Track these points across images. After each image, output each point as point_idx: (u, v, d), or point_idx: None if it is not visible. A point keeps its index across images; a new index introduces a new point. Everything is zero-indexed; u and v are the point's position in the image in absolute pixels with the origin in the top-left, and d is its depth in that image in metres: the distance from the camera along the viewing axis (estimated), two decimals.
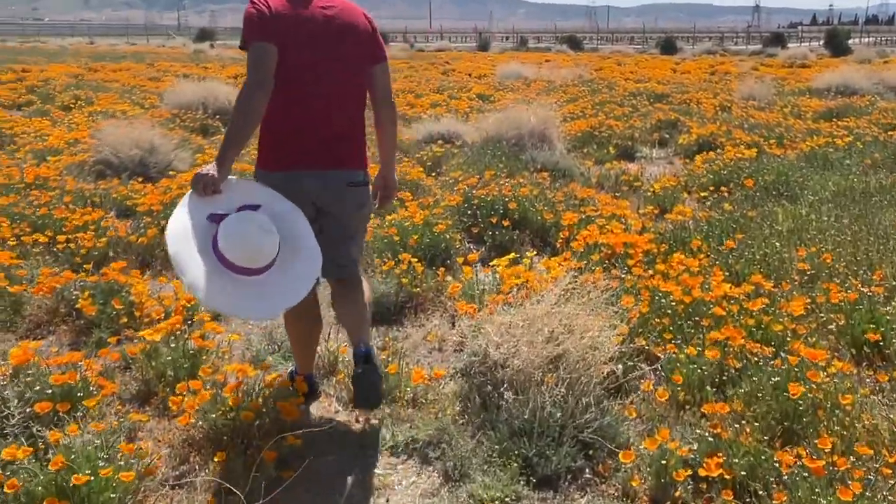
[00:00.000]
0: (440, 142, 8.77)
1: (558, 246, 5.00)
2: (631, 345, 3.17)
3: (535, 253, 4.79)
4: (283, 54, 2.58)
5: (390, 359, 3.35)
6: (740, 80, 19.16)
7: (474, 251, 5.09)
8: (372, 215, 3.37)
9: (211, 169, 2.51)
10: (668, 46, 42.88)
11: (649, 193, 6.39)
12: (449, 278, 4.50)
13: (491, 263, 4.43)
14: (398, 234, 4.72)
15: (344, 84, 2.74)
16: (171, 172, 7.05)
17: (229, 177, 2.59)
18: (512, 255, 4.55)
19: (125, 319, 3.76)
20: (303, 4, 2.67)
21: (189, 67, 22.94)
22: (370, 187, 2.90)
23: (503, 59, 27.94)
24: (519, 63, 22.36)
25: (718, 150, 8.16)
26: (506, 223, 5.08)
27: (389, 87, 2.87)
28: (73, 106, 12.89)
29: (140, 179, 6.82)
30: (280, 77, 2.58)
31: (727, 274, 4.13)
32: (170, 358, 3.10)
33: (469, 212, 5.35)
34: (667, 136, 9.68)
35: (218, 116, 10.91)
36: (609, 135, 9.23)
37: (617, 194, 6.78)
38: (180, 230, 2.45)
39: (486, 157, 7.80)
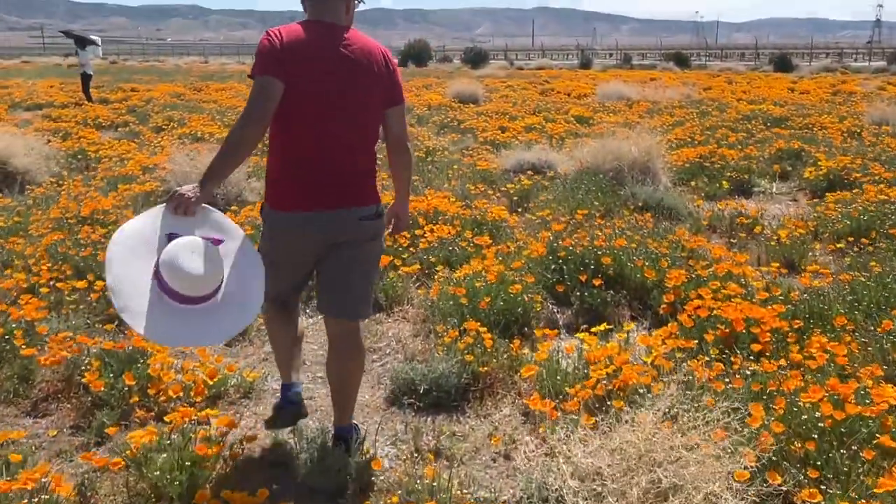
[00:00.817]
0: (530, 172, 8.01)
1: (661, 312, 4.15)
2: (763, 485, 2.31)
3: (632, 324, 3.96)
4: (292, 89, 2.48)
5: (437, 465, 2.63)
6: (867, 101, 17.51)
7: (558, 314, 4.30)
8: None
9: (191, 190, 2.40)
10: (782, 63, 40.54)
11: (773, 242, 5.40)
12: (525, 351, 3.74)
13: (578, 335, 3.65)
14: (467, 294, 3.99)
15: (356, 123, 2.62)
16: (233, 207, 6.58)
17: (208, 206, 2.48)
18: (603, 326, 3.75)
19: (136, 398, 3.19)
20: (319, 39, 2.57)
21: None
22: (383, 218, 2.81)
23: (605, 78, 26.88)
24: (621, 82, 21.31)
25: (854, 189, 7.03)
26: (597, 282, 4.27)
27: (404, 131, 2.76)
28: (165, 127, 12.88)
29: None
30: (289, 113, 2.50)
31: (886, 368, 3.18)
32: (158, 473, 2.46)
33: (554, 266, 4.56)
34: (789, 167, 8.55)
35: None
36: (722, 166, 8.20)
37: (733, 241, 5.83)
38: (131, 235, 2.37)
39: (580, 191, 6.98)
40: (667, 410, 2.35)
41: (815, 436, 2.56)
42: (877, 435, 2.50)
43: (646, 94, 18.60)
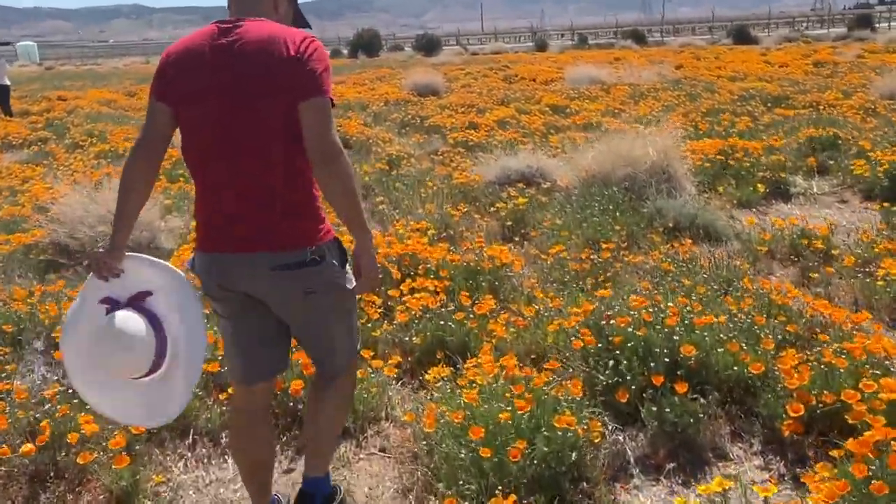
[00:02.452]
0: (520, 184, 6.50)
1: (785, 435, 2.68)
2: None
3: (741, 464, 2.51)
4: (177, 113, 2.07)
5: None
6: (856, 71, 16.38)
7: (624, 438, 2.81)
8: None
9: (103, 249, 2.15)
10: (740, 35, 39.52)
11: (880, 282, 3.97)
12: None
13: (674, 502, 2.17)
14: (486, 437, 2.46)
15: (256, 141, 2.00)
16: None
17: (130, 254, 2.18)
18: (717, 483, 2.27)
19: None
20: (202, 45, 2.06)
21: None
22: (333, 264, 2.12)
23: (567, 60, 25.47)
24: (588, 64, 19.88)
25: None
26: (681, 388, 2.76)
27: (326, 134, 1.96)
28: (82, 144, 11.08)
29: None
30: (182, 140, 2.11)
31: None
32: None
33: (603, 359, 3.04)
34: (828, 160, 7.17)
35: None
36: (751, 164, 6.78)
37: (809, 276, 4.40)
38: (71, 318, 2.24)
39: (591, 210, 5.50)
40: None
41: None
42: None
43: (620, 76, 17.20)
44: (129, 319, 2.08)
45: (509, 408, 2.54)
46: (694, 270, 4.22)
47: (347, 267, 2.18)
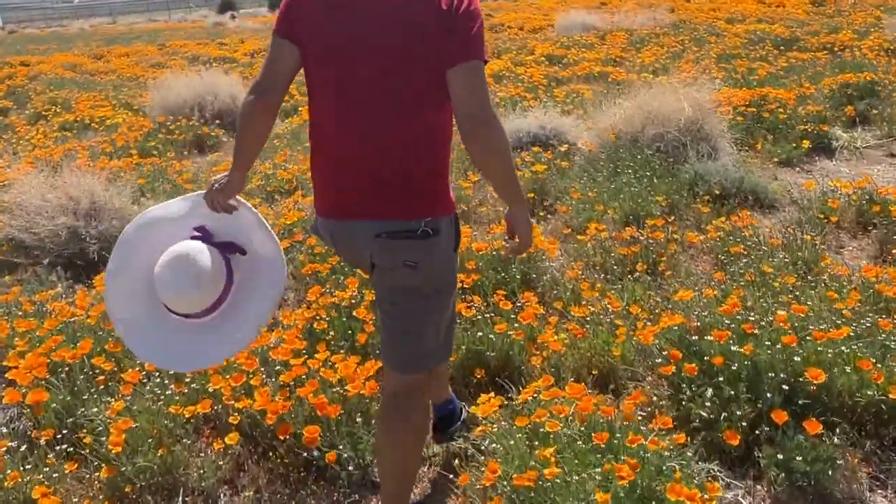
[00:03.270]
0: (535, 148, 5.81)
1: None
2: None
3: None
4: (305, 55, 1.88)
5: None
6: (860, 10, 15.65)
7: (741, 494, 2.20)
8: None
9: (220, 181, 2.06)
10: None
11: None
12: None
13: None
14: None
15: (392, 97, 1.81)
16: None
17: (249, 207, 2.15)
18: None
19: None
20: None
21: (203, 46, 20.18)
22: (439, 238, 1.88)
23: (552, 6, 24.46)
24: (578, 10, 18.96)
25: None
26: (813, 427, 2.14)
27: (478, 100, 1.77)
28: (45, 114, 10.20)
29: (67, 276, 4.11)
30: (309, 86, 1.93)
31: None
32: None
33: (699, 385, 2.40)
34: (868, 109, 6.51)
35: (218, 122, 8.10)
36: (788, 115, 6.11)
37: (887, 250, 3.80)
38: (157, 217, 2.19)
39: (626, 175, 4.84)
40: None
41: None
42: None
43: (614, 21, 16.35)
44: (214, 257, 2.05)
45: (600, 475, 1.91)
46: (764, 250, 3.60)
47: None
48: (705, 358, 2.39)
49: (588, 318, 3.02)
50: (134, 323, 2.16)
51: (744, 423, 2.23)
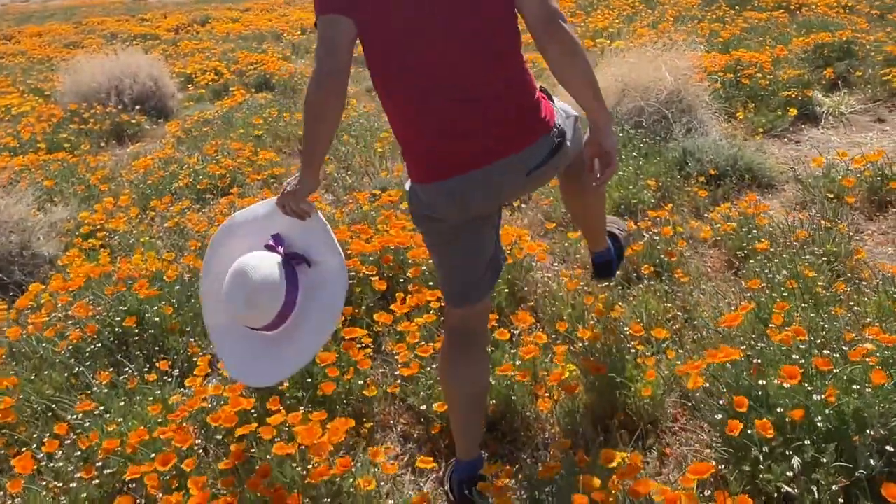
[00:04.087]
0: None
1: None
2: None
3: None
4: (365, 26, 1.80)
5: None
6: None
7: None
8: None
9: (290, 185, 1.99)
10: None
11: None
12: None
13: None
14: None
15: (466, 36, 1.77)
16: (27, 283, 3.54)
17: (318, 212, 2.04)
18: None
19: None
20: None
21: (123, 22, 18.84)
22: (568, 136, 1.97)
23: None
24: None
25: None
26: None
27: (547, 6, 1.77)
28: None
29: None
30: (372, 60, 1.84)
31: None
32: None
33: (773, 447, 1.86)
34: (847, 70, 6.08)
35: (138, 108, 7.25)
36: (769, 81, 5.63)
37: None
38: (241, 221, 2.18)
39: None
40: None
41: None
42: None
43: None
44: (273, 271, 1.98)
45: None
46: (787, 244, 3.09)
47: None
48: (778, 409, 1.85)
49: (601, 345, 2.46)
50: (219, 331, 2.16)
51: (841, 502, 1.71)
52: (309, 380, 2.41)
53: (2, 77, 10.55)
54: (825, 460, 1.75)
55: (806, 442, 1.76)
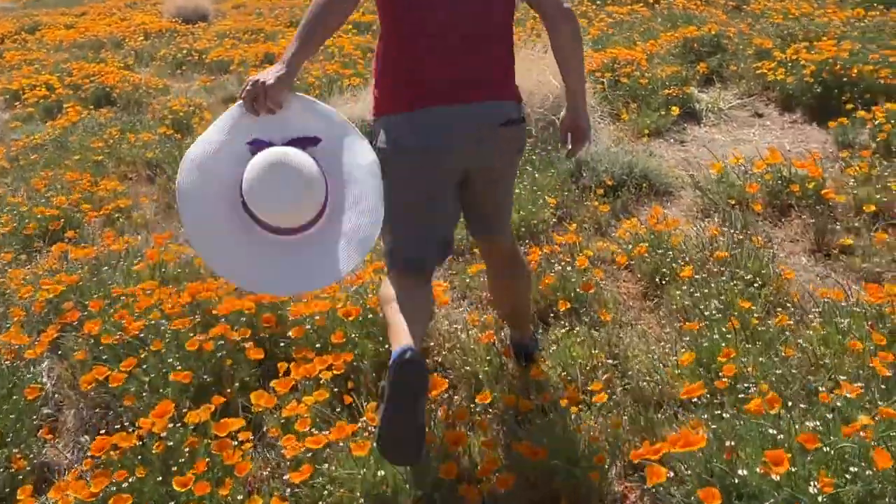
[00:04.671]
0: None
1: None
2: None
3: None
4: None
5: None
6: None
7: None
8: None
9: (269, 75, 1.80)
10: None
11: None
12: None
13: None
14: None
15: None
16: None
17: (294, 93, 1.86)
18: None
19: None
20: None
21: None
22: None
23: None
24: None
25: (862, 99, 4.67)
26: None
27: None
28: None
29: None
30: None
31: None
32: None
33: None
34: (720, 65, 6.03)
35: None
36: (648, 79, 5.47)
37: (827, 243, 3.19)
38: (202, 155, 1.81)
39: None
40: None
41: None
42: None
43: None
44: (299, 153, 1.77)
45: None
46: (703, 264, 2.83)
47: None
48: None
49: (527, 414, 2.07)
50: (228, 258, 1.80)
51: None
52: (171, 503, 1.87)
53: None
54: None
55: None
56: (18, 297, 2.97)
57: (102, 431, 2.13)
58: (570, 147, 2.17)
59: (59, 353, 2.71)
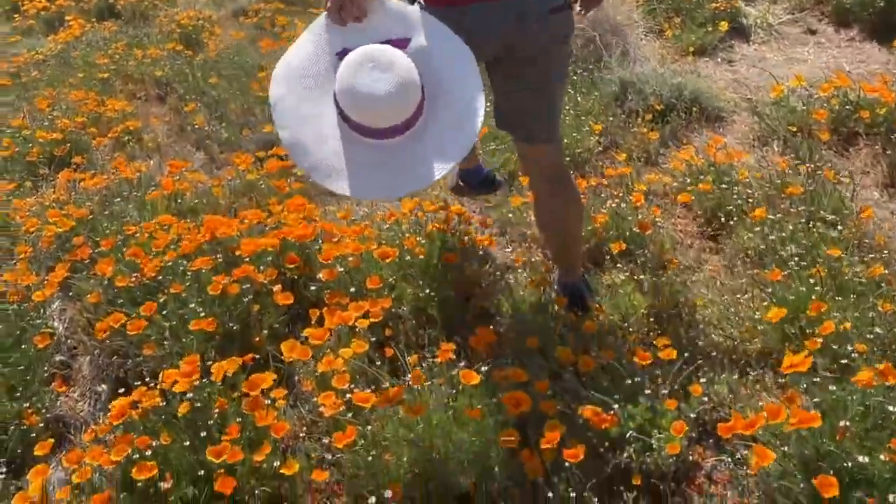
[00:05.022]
0: None
1: None
2: None
3: None
4: None
5: None
6: None
7: None
8: None
9: None
10: None
11: None
12: None
13: None
14: None
15: None
16: None
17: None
18: None
19: None
20: None
21: None
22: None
23: None
24: None
25: None
26: None
27: None
28: None
29: None
30: None
31: None
32: None
33: None
34: None
35: None
36: None
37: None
38: (295, 68, 1.77)
39: None
40: None
41: None
42: None
43: None
44: (392, 50, 1.68)
45: None
46: (775, 200, 2.57)
47: None
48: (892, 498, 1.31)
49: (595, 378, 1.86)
50: (330, 167, 1.72)
51: None
52: (201, 472, 1.69)
53: None
54: None
55: None
56: (24, 232, 2.75)
57: (122, 391, 1.93)
58: (580, 10, 2.00)
59: (70, 294, 2.50)
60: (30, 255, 2.63)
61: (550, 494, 1.60)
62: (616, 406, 1.71)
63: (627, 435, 1.67)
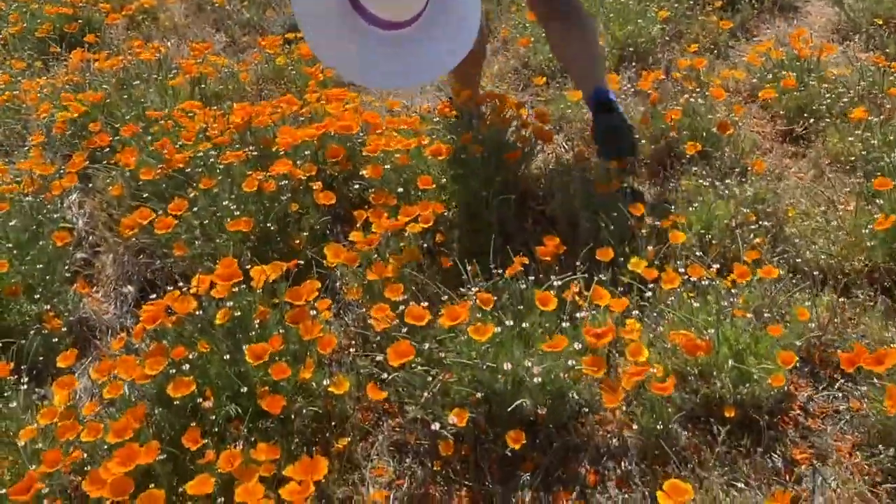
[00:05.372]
0: None
1: None
2: None
3: None
4: None
5: None
6: None
7: None
8: None
9: None
10: None
11: None
12: None
13: None
14: None
15: None
16: None
17: None
18: None
19: None
20: None
21: None
22: None
23: None
24: None
25: None
26: None
27: None
28: None
29: None
30: None
31: None
32: None
33: None
34: None
35: None
36: None
37: None
38: None
39: None
40: None
41: None
42: None
43: None
44: None
45: None
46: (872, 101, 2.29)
47: None
48: None
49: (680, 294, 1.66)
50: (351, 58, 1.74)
51: None
52: (244, 389, 1.52)
53: None
54: None
55: None
56: (36, 116, 2.51)
57: (152, 297, 1.74)
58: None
59: (90, 185, 2.29)
60: (43, 142, 2.40)
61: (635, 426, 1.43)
62: (710, 330, 1.51)
63: (723, 364, 1.48)
